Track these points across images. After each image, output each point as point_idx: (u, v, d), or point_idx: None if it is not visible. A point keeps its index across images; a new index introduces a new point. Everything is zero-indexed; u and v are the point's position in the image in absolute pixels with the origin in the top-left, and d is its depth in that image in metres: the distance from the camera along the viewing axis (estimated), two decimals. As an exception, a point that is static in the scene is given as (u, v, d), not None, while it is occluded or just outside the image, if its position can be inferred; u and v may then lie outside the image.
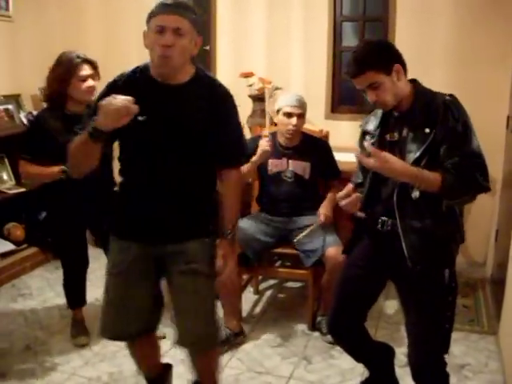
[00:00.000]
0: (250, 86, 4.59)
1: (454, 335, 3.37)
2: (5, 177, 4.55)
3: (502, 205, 4.10)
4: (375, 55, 2.24)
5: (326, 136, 4.01)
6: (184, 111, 2.21)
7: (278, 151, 3.60)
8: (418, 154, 2.22)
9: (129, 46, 4.93)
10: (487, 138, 4.12)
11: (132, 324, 2.38)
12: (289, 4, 4.69)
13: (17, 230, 4.52)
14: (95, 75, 3.16)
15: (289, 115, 3.52)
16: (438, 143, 2.20)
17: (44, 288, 4.21)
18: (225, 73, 4.91)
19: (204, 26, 5.03)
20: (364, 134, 2.50)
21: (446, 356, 2.46)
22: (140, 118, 2.11)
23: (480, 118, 4.07)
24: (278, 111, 3.58)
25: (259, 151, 3.39)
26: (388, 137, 2.37)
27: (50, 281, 4.33)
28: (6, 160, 4.57)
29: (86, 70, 3.11)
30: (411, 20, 4.33)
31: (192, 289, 2.33)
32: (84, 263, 3.43)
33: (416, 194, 2.25)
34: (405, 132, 2.30)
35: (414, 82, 2.36)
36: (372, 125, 2.46)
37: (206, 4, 4.97)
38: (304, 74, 4.74)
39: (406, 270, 2.32)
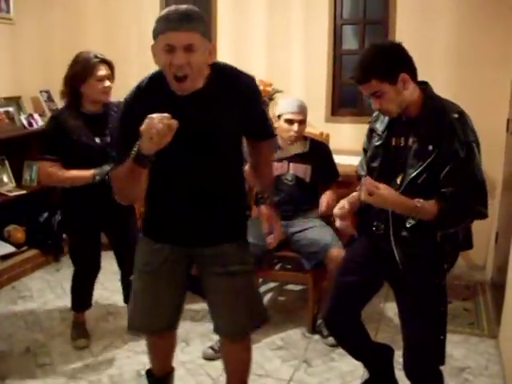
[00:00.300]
0: (251, 88, 4.59)
1: (454, 338, 3.43)
2: (5, 179, 4.55)
3: (501, 208, 4.10)
4: (381, 63, 2.18)
5: (327, 139, 4.01)
6: (203, 116, 2.13)
7: (278, 154, 3.60)
8: (417, 171, 2.20)
9: (128, 48, 4.94)
10: (487, 140, 4.12)
11: (160, 319, 2.41)
12: (289, 6, 4.70)
13: (17, 232, 4.53)
14: (111, 76, 3.14)
15: (290, 122, 3.52)
16: (439, 163, 2.16)
17: (44, 290, 4.21)
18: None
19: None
20: (371, 130, 2.49)
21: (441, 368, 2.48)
22: None
23: (480, 121, 4.07)
24: (278, 117, 3.58)
25: None
26: (394, 141, 2.35)
27: (50, 283, 4.33)
28: (6, 162, 4.57)
29: (102, 71, 3.09)
30: (411, 22, 4.34)
31: (230, 289, 2.33)
32: (96, 268, 3.40)
33: (411, 222, 2.25)
34: (410, 141, 2.27)
35: (424, 84, 2.30)
36: (380, 124, 2.42)
37: (207, 6, 4.98)
38: (304, 77, 4.75)
39: (398, 272, 2.35)
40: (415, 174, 2.20)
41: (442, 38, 4.30)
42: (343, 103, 4.87)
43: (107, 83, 3.10)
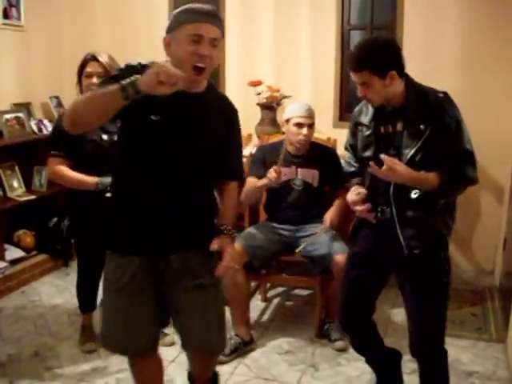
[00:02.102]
0: (259, 94, 4.62)
1: (462, 343, 3.43)
2: (15, 184, 4.58)
3: (510, 214, 4.09)
4: (376, 57, 2.34)
5: (334, 144, 4.02)
6: (198, 118, 2.15)
7: (286, 160, 3.60)
8: (413, 150, 2.35)
9: (138, 54, 4.94)
10: (496, 145, 4.19)
11: (136, 340, 2.30)
12: (296, 12, 4.72)
13: (27, 237, 4.55)
14: (103, 74, 3.08)
15: (299, 125, 3.53)
16: (434, 140, 2.33)
17: (53, 294, 4.24)
18: (233, 81, 4.95)
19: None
20: (356, 124, 2.62)
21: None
22: (153, 118, 2.08)
23: (489, 126, 4.15)
24: (287, 121, 3.59)
25: (266, 181, 3.41)
26: (382, 129, 2.49)
27: (59, 287, 4.36)
28: (16, 168, 4.61)
29: (90, 67, 3.12)
30: (419, 28, 4.35)
31: (200, 302, 2.28)
32: (101, 268, 3.40)
33: (416, 194, 2.38)
34: (399, 126, 2.42)
35: (406, 76, 2.43)
36: (365, 117, 2.56)
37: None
38: (312, 83, 4.76)
39: (403, 258, 2.46)
40: (413, 152, 2.35)
41: (449, 42, 4.31)
42: (351, 109, 4.82)
43: (93, 80, 3.10)
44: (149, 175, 2.16)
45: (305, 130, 3.53)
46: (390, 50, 2.39)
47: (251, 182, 3.56)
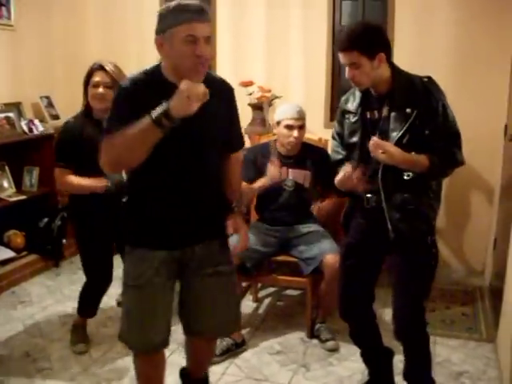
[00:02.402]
0: (250, 94, 4.62)
1: (453, 342, 3.45)
2: (5, 184, 4.56)
3: (500, 214, 4.11)
4: (366, 38, 2.40)
5: (325, 144, 4.02)
6: (206, 111, 2.10)
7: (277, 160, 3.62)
8: (400, 132, 2.41)
9: (129, 53, 4.96)
10: (485, 146, 4.21)
11: (158, 335, 2.35)
12: (288, 13, 4.72)
13: (17, 237, 4.54)
14: (111, 84, 3.09)
15: (290, 128, 3.52)
16: (421, 123, 2.40)
17: (44, 295, 4.22)
18: (224, 81, 4.94)
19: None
20: (343, 113, 2.66)
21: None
22: None
23: (478, 127, 4.16)
24: (278, 123, 3.58)
25: (267, 180, 3.43)
26: (368, 115, 2.54)
27: (49, 288, 4.34)
28: (6, 168, 4.59)
29: (97, 77, 3.11)
30: (410, 29, 4.35)
31: (219, 290, 2.40)
32: (108, 281, 3.36)
33: (409, 176, 2.44)
34: (385, 111, 2.48)
35: (391, 64, 2.50)
36: (352, 104, 2.61)
37: (207, 13, 5.01)
38: (303, 83, 4.76)
39: (390, 244, 2.53)
40: (400, 135, 2.41)
41: (440, 43, 4.32)
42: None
43: (100, 90, 3.09)
44: (167, 181, 2.22)
45: (295, 133, 3.52)
46: (378, 32, 2.48)
47: (244, 185, 3.57)
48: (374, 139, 2.39)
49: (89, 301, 3.46)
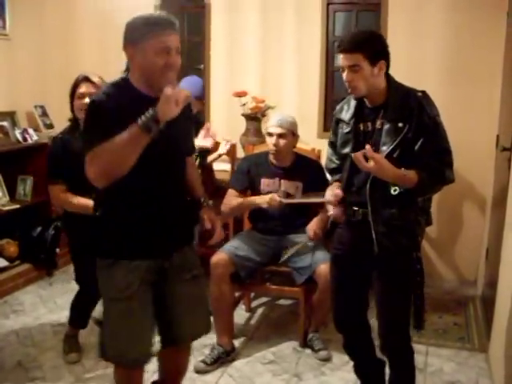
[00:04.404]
0: (244, 105, 4.64)
1: (445, 352, 3.45)
2: (-1, 193, 4.56)
3: (492, 224, 4.13)
4: (371, 43, 2.41)
5: (319, 155, 4.04)
6: (176, 119, 2.14)
7: (270, 171, 3.64)
8: (391, 146, 2.40)
9: (123, 62, 4.96)
10: (477, 156, 4.24)
11: (147, 347, 2.35)
12: (282, 24, 4.74)
13: (10, 246, 4.53)
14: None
15: (270, 135, 3.59)
16: (412, 138, 2.39)
17: (37, 304, 4.21)
18: (218, 92, 4.97)
19: (198, 45, 5.11)
20: (337, 121, 2.66)
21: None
22: None
23: (470, 137, 4.19)
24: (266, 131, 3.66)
25: (267, 200, 3.47)
26: (361, 127, 2.53)
27: (42, 297, 4.33)
28: (0, 177, 4.58)
29: (82, 88, 3.12)
30: (402, 40, 4.37)
31: (197, 293, 2.47)
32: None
33: (396, 191, 2.42)
34: (378, 123, 2.47)
35: (387, 76, 2.50)
36: (346, 114, 2.60)
37: (200, 24, 5.04)
38: (297, 94, 4.78)
39: (374, 255, 2.50)
40: (390, 149, 2.40)
41: (432, 56, 4.35)
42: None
43: (86, 100, 3.03)
44: (145, 185, 2.24)
45: (273, 140, 3.56)
46: (383, 41, 2.49)
47: (232, 194, 3.61)
48: (368, 148, 2.34)
49: (80, 312, 3.45)
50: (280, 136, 3.56)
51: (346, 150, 2.57)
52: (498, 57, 4.13)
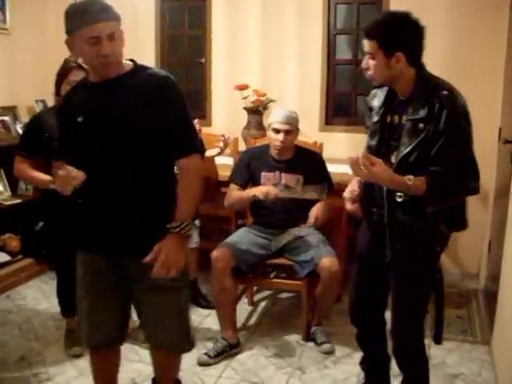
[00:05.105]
0: (245, 98, 4.63)
1: (448, 345, 3.45)
2: (1, 188, 4.56)
3: (494, 216, 4.12)
4: (387, 32, 2.23)
5: (320, 148, 4.03)
6: (122, 101, 2.12)
7: (270, 164, 3.62)
8: (408, 148, 2.23)
9: (124, 56, 4.95)
10: (480, 149, 4.14)
11: (97, 333, 2.39)
12: (283, 18, 4.74)
13: (12, 241, 4.52)
14: None
15: (277, 131, 3.54)
16: (430, 141, 2.19)
17: (39, 299, 4.21)
18: (220, 85, 4.97)
19: (199, 38, 5.10)
20: (369, 109, 2.51)
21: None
22: (79, 119, 2.16)
23: (473, 129, 4.16)
24: (269, 125, 3.62)
25: (263, 192, 3.43)
26: (389, 118, 2.38)
27: (45, 292, 4.33)
28: (1, 171, 4.58)
29: (75, 76, 3.11)
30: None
31: (163, 305, 2.30)
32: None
33: (401, 197, 2.28)
34: (404, 118, 2.30)
35: (419, 66, 2.32)
36: (377, 101, 2.46)
37: (201, 17, 5.03)
38: (298, 87, 4.78)
39: (389, 262, 2.41)
40: (407, 151, 2.23)
41: (434, 50, 4.28)
42: (337, 112, 4.91)
43: None
44: (89, 175, 2.19)
45: (281, 136, 3.52)
46: (404, 29, 2.26)
47: (233, 188, 3.61)
48: (359, 155, 2.18)
49: (65, 296, 3.42)
50: (287, 133, 3.54)
51: (373, 142, 2.43)
52: (501, 50, 4.12)
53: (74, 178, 2.16)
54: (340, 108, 4.93)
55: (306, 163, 3.65)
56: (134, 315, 2.52)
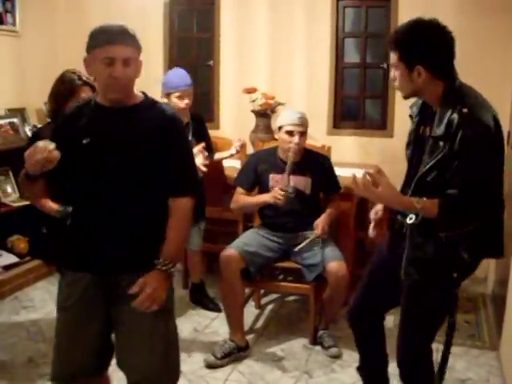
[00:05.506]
0: (253, 101, 4.63)
1: (456, 350, 3.43)
2: (9, 190, 4.58)
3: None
4: (406, 45, 2.12)
5: (328, 152, 4.02)
6: (130, 133, 2.15)
7: (279, 166, 3.62)
8: (426, 167, 2.13)
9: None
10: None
11: (78, 363, 2.25)
12: (292, 21, 4.74)
13: (20, 242, 4.54)
14: None
15: (290, 133, 3.50)
16: (448, 161, 2.07)
17: (47, 300, 4.22)
18: (228, 88, 4.97)
19: (207, 41, 5.11)
20: (410, 116, 2.41)
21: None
22: (84, 141, 2.14)
23: (500, 151, 4.14)
24: (279, 128, 3.58)
25: (270, 197, 3.44)
26: (421, 129, 2.27)
27: (52, 293, 4.31)
28: (10, 173, 4.60)
29: (85, 93, 3.11)
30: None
31: (142, 328, 2.18)
32: None
33: (411, 219, 2.16)
34: (432, 132, 2.16)
35: (450, 79, 2.18)
36: (415, 109, 2.35)
37: (210, 20, 5.03)
38: (307, 90, 4.78)
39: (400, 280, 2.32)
40: (424, 170, 2.13)
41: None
42: (345, 116, 4.90)
43: None
44: (89, 197, 2.20)
45: (296, 139, 3.49)
46: (423, 39, 2.12)
47: (239, 192, 3.61)
48: (371, 173, 2.10)
49: None
50: (301, 134, 3.52)
51: (408, 151, 2.34)
52: (509, 55, 4.12)
53: (45, 151, 2.08)
54: (348, 111, 4.92)
55: (315, 165, 3.64)
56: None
